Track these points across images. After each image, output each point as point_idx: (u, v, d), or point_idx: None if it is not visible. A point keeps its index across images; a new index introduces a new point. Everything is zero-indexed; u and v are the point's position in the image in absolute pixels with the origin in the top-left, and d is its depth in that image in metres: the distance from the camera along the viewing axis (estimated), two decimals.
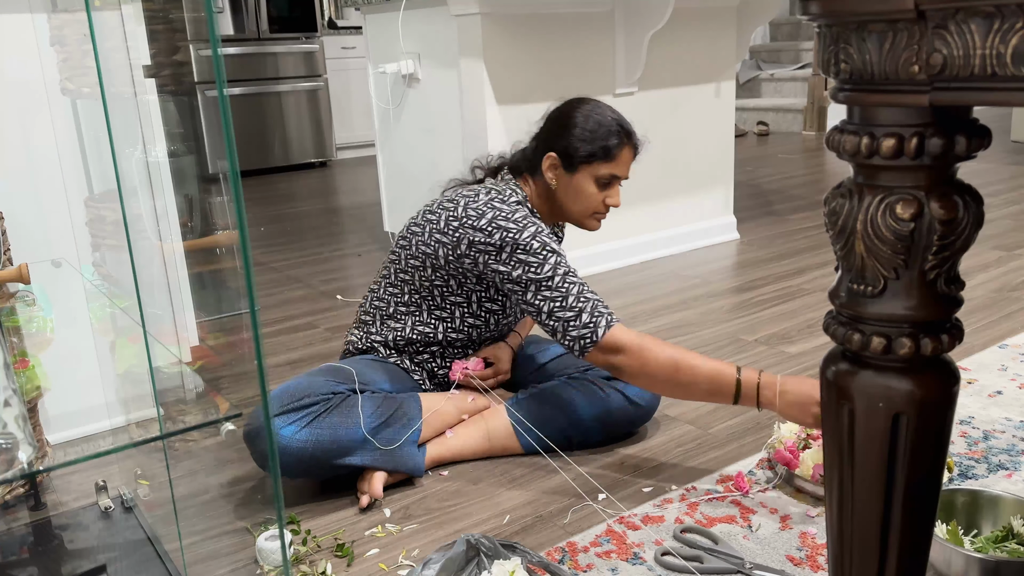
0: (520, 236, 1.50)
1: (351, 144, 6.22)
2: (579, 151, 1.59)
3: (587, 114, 1.61)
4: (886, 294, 0.68)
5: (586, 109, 1.62)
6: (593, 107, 1.62)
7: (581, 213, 1.65)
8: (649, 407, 1.68)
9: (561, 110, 1.65)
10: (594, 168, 1.60)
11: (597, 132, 1.59)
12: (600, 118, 1.60)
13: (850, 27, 0.65)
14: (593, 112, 1.61)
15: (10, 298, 1.34)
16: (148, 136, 1.76)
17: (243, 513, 1.51)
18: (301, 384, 1.52)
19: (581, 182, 1.61)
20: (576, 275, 1.50)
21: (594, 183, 1.61)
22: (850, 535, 0.76)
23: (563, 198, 1.64)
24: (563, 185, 1.63)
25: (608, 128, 1.59)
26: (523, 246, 1.50)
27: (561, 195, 1.64)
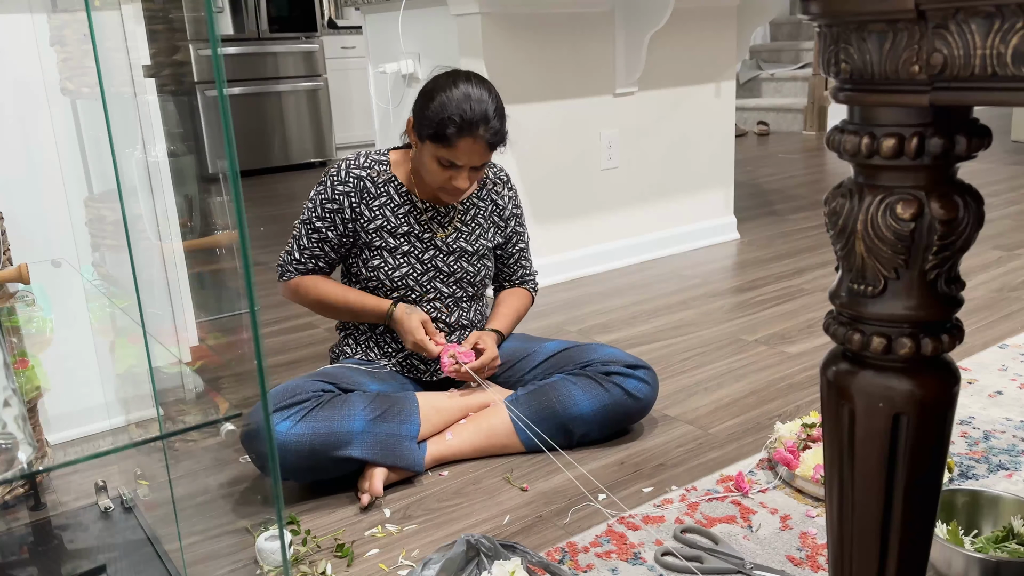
0: (316, 187, 1.71)
1: (351, 144, 6.22)
2: (422, 127, 1.60)
3: (442, 93, 1.57)
4: (886, 294, 0.68)
5: (444, 89, 1.58)
6: (452, 90, 1.57)
7: (429, 183, 1.66)
8: (647, 401, 1.68)
9: (434, 78, 1.63)
10: (433, 148, 1.59)
11: (439, 114, 1.56)
12: (447, 102, 1.56)
13: (850, 27, 0.65)
14: (446, 95, 1.57)
15: (10, 298, 1.34)
16: (148, 136, 1.76)
17: (243, 513, 1.51)
18: (291, 384, 1.55)
19: (425, 155, 1.62)
20: (305, 236, 1.70)
21: (435, 161, 1.61)
22: (850, 535, 0.76)
23: (415, 162, 1.69)
24: (416, 150, 1.66)
25: (449, 115, 1.55)
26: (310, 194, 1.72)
27: (414, 159, 1.69)
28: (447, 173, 1.61)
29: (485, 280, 1.81)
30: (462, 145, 1.57)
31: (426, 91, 1.61)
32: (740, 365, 2.06)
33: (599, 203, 2.95)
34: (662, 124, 3.05)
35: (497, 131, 1.60)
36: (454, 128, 1.56)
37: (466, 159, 1.59)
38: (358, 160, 1.71)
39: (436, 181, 1.63)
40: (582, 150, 2.86)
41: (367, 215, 1.68)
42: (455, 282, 1.75)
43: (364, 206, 1.68)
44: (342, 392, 1.57)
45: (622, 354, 1.71)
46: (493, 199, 1.81)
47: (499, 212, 1.81)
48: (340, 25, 6.20)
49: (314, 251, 1.70)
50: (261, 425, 1.50)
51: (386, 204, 1.69)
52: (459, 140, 1.57)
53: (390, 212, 1.69)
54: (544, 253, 2.80)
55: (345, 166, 1.70)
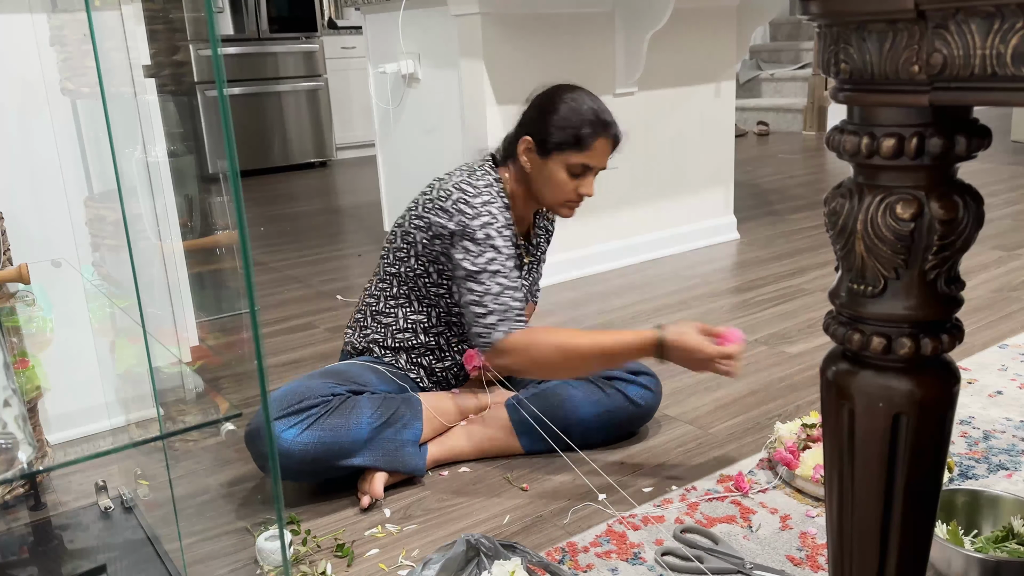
0: (472, 222, 1.54)
1: (351, 144, 6.22)
2: (552, 137, 1.57)
3: (565, 101, 1.58)
4: (886, 294, 0.68)
5: (566, 96, 1.59)
6: (574, 95, 1.59)
7: (553, 200, 1.63)
8: (649, 407, 1.68)
9: (542, 95, 1.63)
10: (566, 156, 1.58)
11: (571, 120, 1.56)
12: (576, 106, 1.57)
13: (850, 27, 0.65)
14: (572, 100, 1.58)
15: (10, 298, 1.34)
16: (148, 136, 1.76)
17: (243, 513, 1.51)
18: (300, 387, 1.52)
19: (553, 169, 1.60)
20: (508, 277, 1.54)
21: (566, 171, 1.59)
22: (850, 535, 0.76)
23: (536, 183, 1.63)
24: (536, 170, 1.62)
25: (583, 117, 1.56)
26: (470, 233, 1.54)
27: (535, 180, 1.63)
28: (575, 183, 1.60)
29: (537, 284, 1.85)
30: (598, 145, 1.58)
31: (543, 105, 1.60)
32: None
33: (599, 203, 2.95)
34: (662, 124, 3.05)
35: (619, 130, 1.62)
36: (590, 128, 1.56)
37: (599, 160, 1.60)
38: (499, 200, 1.59)
39: (563, 194, 1.61)
40: None
41: None
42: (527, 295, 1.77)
43: None
44: (350, 394, 1.56)
45: None
46: (545, 225, 1.83)
47: (548, 238, 1.85)
48: (340, 25, 6.20)
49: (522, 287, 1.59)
50: (263, 426, 1.50)
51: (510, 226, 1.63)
52: (595, 140, 1.57)
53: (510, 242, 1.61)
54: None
55: (497, 194, 1.59)
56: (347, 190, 5.03)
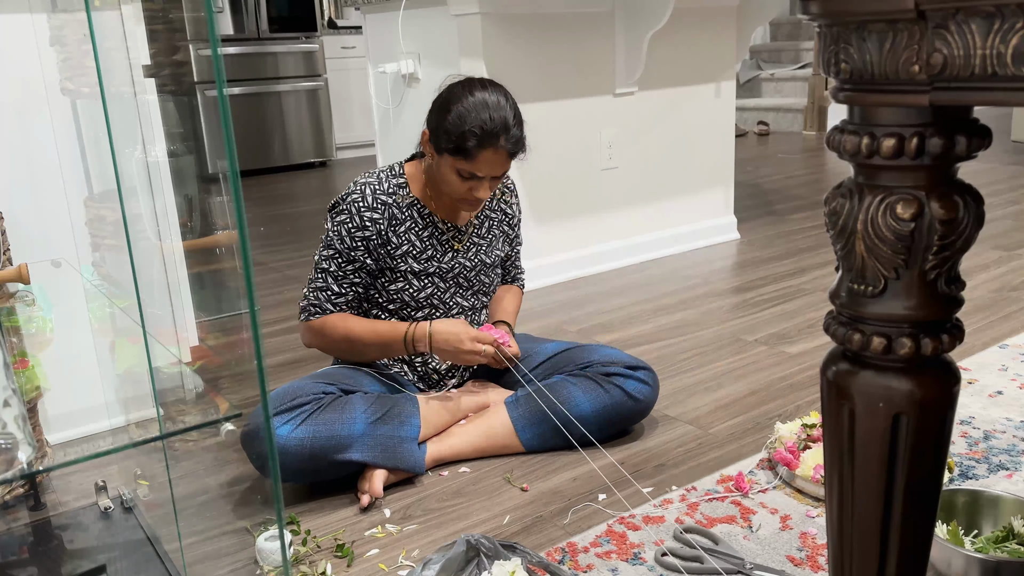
0: (330, 213, 1.65)
1: (351, 144, 6.22)
2: (440, 140, 1.56)
3: (459, 104, 1.54)
4: (886, 294, 0.68)
5: (462, 99, 1.54)
6: (470, 99, 1.54)
7: (449, 195, 1.63)
8: (647, 402, 1.68)
9: (446, 89, 1.60)
10: (453, 160, 1.56)
11: (458, 127, 1.52)
12: (465, 113, 1.53)
13: (850, 27, 0.65)
14: (464, 105, 1.53)
15: (10, 298, 1.34)
16: (148, 136, 1.76)
17: (243, 513, 1.51)
18: (291, 387, 1.54)
19: (444, 168, 1.59)
20: (335, 277, 1.63)
21: (455, 173, 1.58)
22: (850, 535, 0.76)
23: (435, 175, 1.63)
24: (435, 163, 1.61)
25: (468, 127, 1.52)
26: (326, 223, 1.66)
27: (434, 172, 1.63)
28: (467, 184, 1.58)
29: (496, 287, 1.83)
30: (483, 157, 1.54)
31: (441, 102, 1.58)
32: (740, 365, 2.06)
33: (599, 203, 2.95)
34: (662, 124, 3.05)
35: (518, 139, 1.57)
36: (474, 140, 1.52)
37: (488, 170, 1.57)
38: (381, 185, 1.64)
39: (456, 193, 1.60)
40: (582, 150, 2.86)
41: (394, 242, 1.64)
42: (473, 294, 1.75)
43: (392, 233, 1.63)
44: (343, 393, 1.57)
45: (622, 355, 1.71)
46: (503, 209, 1.80)
47: (508, 221, 1.81)
48: (340, 25, 6.20)
49: (353, 281, 1.64)
50: (260, 426, 1.50)
51: (411, 228, 1.65)
52: (480, 152, 1.54)
53: (415, 236, 1.65)
54: (544, 253, 2.80)
55: (371, 192, 1.63)
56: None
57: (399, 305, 1.69)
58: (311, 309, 1.65)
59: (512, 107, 1.58)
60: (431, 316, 1.70)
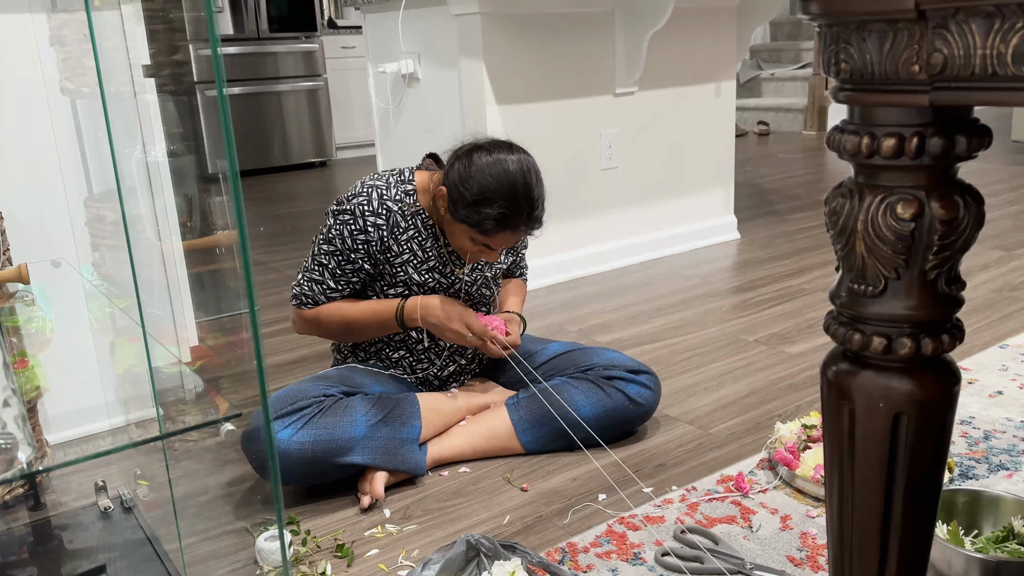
0: (332, 208, 1.63)
1: (351, 144, 6.22)
2: (458, 210, 1.53)
3: (483, 180, 1.50)
4: (887, 294, 0.68)
5: (487, 173, 1.50)
6: (494, 176, 1.50)
7: (455, 247, 1.63)
8: (649, 406, 1.68)
9: (468, 155, 1.54)
10: (469, 230, 1.55)
11: (479, 208, 1.50)
12: (489, 194, 1.49)
13: (850, 27, 0.65)
14: (489, 182, 1.49)
15: (9, 298, 1.34)
16: (148, 136, 1.76)
17: (243, 513, 1.51)
18: (292, 389, 1.53)
19: (457, 230, 1.58)
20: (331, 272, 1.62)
21: (467, 238, 1.57)
22: (850, 535, 0.76)
23: (445, 224, 1.61)
24: (447, 219, 1.58)
25: (489, 211, 1.50)
26: (327, 218, 1.63)
27: (444, 220, 1.60)
28: (477, 248, 1.58)
29: (495, 295, 1.82)
30: (502, 237, 1.55)
31: (464, 170, 1.52)
32: (740, 365, 2.06)
33: (599, 203, 2.95)
34: (662, 124, 3.05)
35: (538, 218, 1.55)
36: (494, 224, 1.51)
37: (504, 244, 1.57)
38: (388, 190, 1.61)
39: (464, 249, 1.61)
40: (582, 150, 2.86)
41: (395, 250, 1.61)
42: (473, 306, 1.74)
43: (393, 240, 1.61)
44: (344, 396, 1.57)
45: (625, 358, 1.71)
46: None
47: None
48: (340, 25, 6.20)
49: (350, 280, 1.63)
50: (260, 428, 1.50)
51: (414, 238, 1.62)
52: (499, 233, 1.53)
53: (417, 246, 1.63)
54: (544, 253, 2.80)
55: (377, 196, 1.60)
56: (347, 190, 5.02)
57: None
58: (303, 298, 1.64)
59: (538, 183, 1.54)
60: None
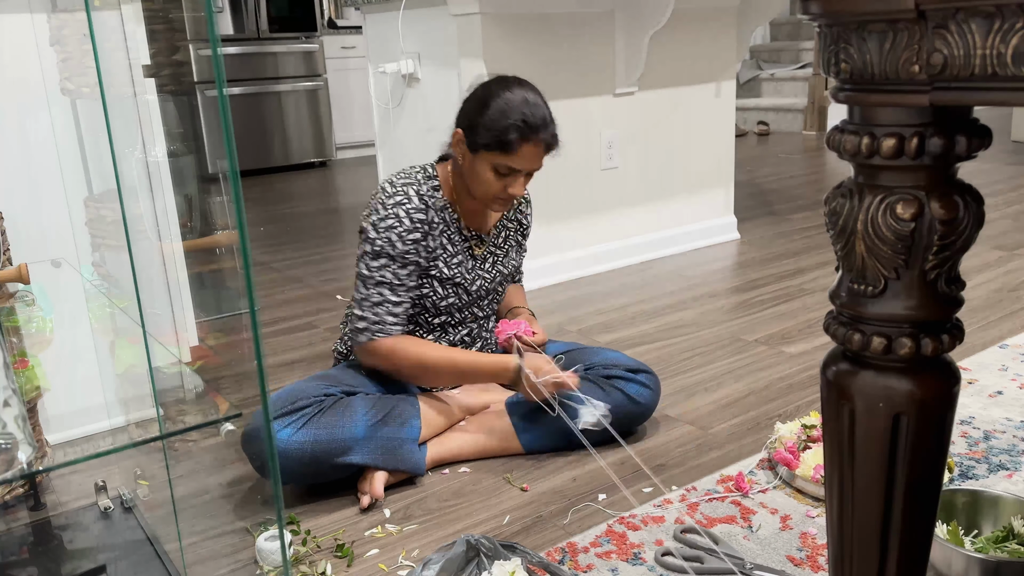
0: (377, 224, 1.58)
1: (351, 144, 6.22)
2: (479, 137, 1.55)
3: (497, 100, 1.55)
4: (886, 294, 0.68)
5: (499, 94, 1.56)
6: (508, 94, 1.56)
7: (482, 195, 1.61)
8: (649, 405, 1.68)
9: (479, 88, 1.61)
10: (492, 156, 1.55)
11: (498, 122, 1.53)
12: (506, 107, 1.54)
13: (850, 27, 0.65)
14: (503, 100, 1.55)
15: (10, 298, 1.34)
16: (148, 136, 1.76)
17: (243, 513, 1.51)
18: (292, 389, 1.53)
19: (480, 166, 1.58)
20: (393, 289, 1.58)
21: (492, 170, 1.57)
22: (850, 535, 0.76)
23: (467, 177, 1.62)
24: (467, 163, 1.60)
25: (510, 120, 1.53)
26: (371, 238, 1.58)
27: (466, 173, 1.62)
28: (503, 182, 1.58)
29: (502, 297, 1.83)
30: (524, 150, 1.55)
31: (477, 99, 1.58)
32: (740, 365, 2.06)
33: (599, 203, 2.95)
34: (662, 124, 3.05)
35: (555, 134, 1.59)
36: (517, 134, 1.52)
37: (527, 164, 1.57)
38: (420, 187, 1.61)
39: (491, 191, 1.59)
40: (582, 150, 2.86)
41: (431, 245, 1.62)
42: (488, 304, 1.75)
43: (431, 237, 1.62)
44: (344, 395, 1.57)
45: (624, 358, 1.71)
46: (519, 219, 1.80)
47: (522, 231, 1.82)
48: (340, 25, 6.20)
49: (409, 286, 1.60)
50: (260, 428, 1.50)
51: (443, 232, 1.64)
52: (522, 145, 1.54)
53: (447, 240, 1.64)
54: (544, 253, 2.80)
55: (414, 193, 1.60)
56: (347, 190, 5.03)
57: (418, 310, 1.67)
58: (373, 329, 1.58)
59: (545, 103, 1.59)
60: (447, 323, 1.70)
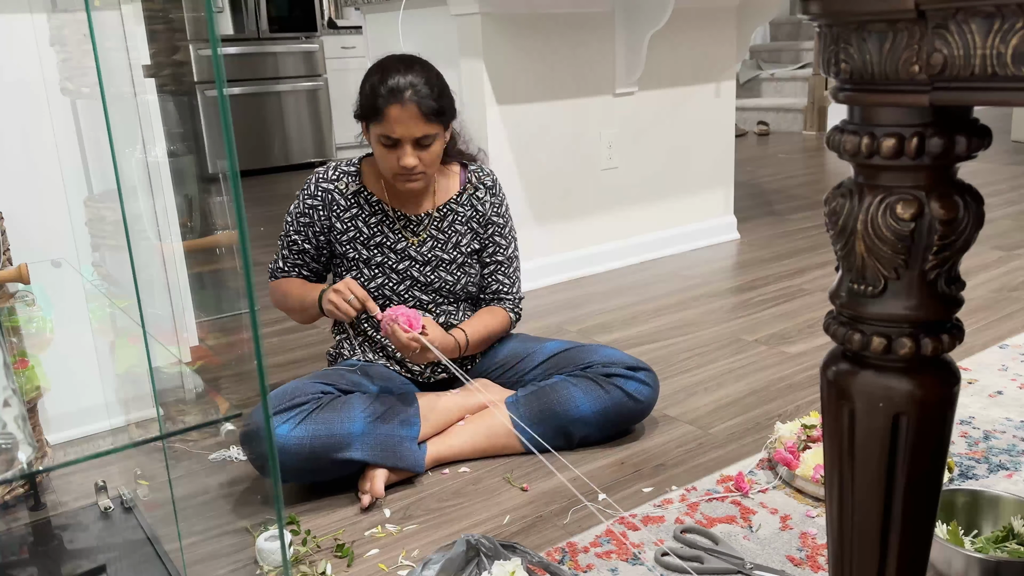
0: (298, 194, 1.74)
1: (351, 144, 6.21)
2: (357, 111, 1.63)
3: (369, 73, 1.62)
4: (886, 294, 0.68)
5: (373, 67, 1.62)
6: (379, 65, 1.61)
7: (385, 173, 1.66)
8: (648, 403, 1.68)
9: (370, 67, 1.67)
10: (373, 129, 1.60)
11: (365, 91, 1.60)
12: (370, 77, 1.60)
13: (850, 27, 0.65)
14: (373, 71, 1.61)
15: (10, 298, 1.34)
16: (148, 136, 1.76)
17: (243, 513, 1.51)
18: (291, 386, 1.54)
19: (373, 144, 1.63)
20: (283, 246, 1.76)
21: (379, 144, 1.61)
22: (850, 535, 0.76)
23: (379, 162, 1.67)
24: (370, 143, 1.66)
25: (372, 88, 1.58)
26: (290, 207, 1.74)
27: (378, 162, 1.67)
28: (394, 154, 1.60)
29: (468, 288, 1.74)
30: (392, 113, 1.57)
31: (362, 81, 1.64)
32: (740, 365, 2.06)
33: (599, 203, 2.95)
34: (662, 124, 3.05)
35: (426, 95, 1.57)
36: (382, 98, 1.56)
37: (401, 130, 1.57)
38: (327, 172, 1.73)
39: (388, 166, 1.63)
40: (582, 150, 2.86)
41: (339, 227, 1.70)
42: (434, 291, 1.71)
43: (335, 218, 1.70)
44: (342, 393, 1.57)
45: (623, 355, 1.71)
46: (473, 204, 1.75)
47: (478, 218, 1.75)
48: (340, 25, 6.20)
49: (295, 261, 1.76)
50: (260, 426, 1.50)
51: (357, 215, 1.70)
52: (388, 108, 1.56)
53: (361, 223, 1.70)
54: (544, 253, 2.80)
55: (315, 179, 1.72)
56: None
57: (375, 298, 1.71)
58: (270, 271, 1.81)
59: (424, 70, 1.61)
60: (385, 307, 1.70)
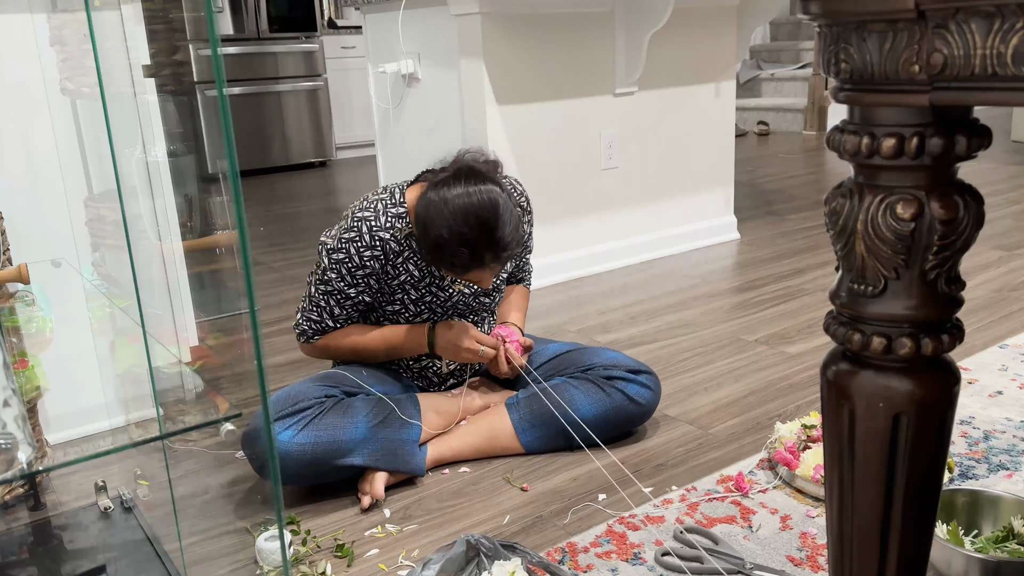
0: (326, 247, 1.60)
1: (351, 144, 6.22)
2: (423, 251, 1.54)
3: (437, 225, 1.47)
4: (886, 294, 0.68)
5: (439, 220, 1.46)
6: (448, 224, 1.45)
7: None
8: (649, 406, 1.68)
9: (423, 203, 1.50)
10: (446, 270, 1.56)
11: (439, 257, 1.50)
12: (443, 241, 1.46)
13: (850, 27, 0.65)
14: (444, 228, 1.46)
15: (10, 298, 1.34)
16: (148, 136, 1.76)
17: (243, 513, 1.51)
18: (293, 390, 1.53)
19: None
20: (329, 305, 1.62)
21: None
22: (850, 535, 0.76)
23: None
24: None
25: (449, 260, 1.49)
26: (327, 244, 1.60)
27: None
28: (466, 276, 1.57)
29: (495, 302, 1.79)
30: (472, 275, 1.55)
31: (420, 216, 1.50)
32: (740, 365, 2.06)
33: (599, 203, 2.95)
34: (662, 124, 3.05)
35: (507, 246, 1.49)
36: (460, 269, 1.50)
37: (481, 280, 1.57)
38: (378, 219, 1.57)
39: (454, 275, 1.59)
40: (582, 150, 2.86)
41: (392, 272, 1.60)
42: (473, 312, 1.73)
43: (390, 265, 1.60)
44: (345, 396, 1.57)
45: (625, 358, 1.71)
46: None
47: None
48: (340, 25, 6.20)
49: (351, 315, 1.65)
50: (260, 429, 1.50)
51: (409, 259, 1.60)
52: (467, 274, 1.54)
53: (413, 266, 1.61)
54: (544, 253, 2.80)
55: (367, 229, 1.56)
56: (347, 190, 5.03)
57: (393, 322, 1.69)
58: (309, 332, 1.65)
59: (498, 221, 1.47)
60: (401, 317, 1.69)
